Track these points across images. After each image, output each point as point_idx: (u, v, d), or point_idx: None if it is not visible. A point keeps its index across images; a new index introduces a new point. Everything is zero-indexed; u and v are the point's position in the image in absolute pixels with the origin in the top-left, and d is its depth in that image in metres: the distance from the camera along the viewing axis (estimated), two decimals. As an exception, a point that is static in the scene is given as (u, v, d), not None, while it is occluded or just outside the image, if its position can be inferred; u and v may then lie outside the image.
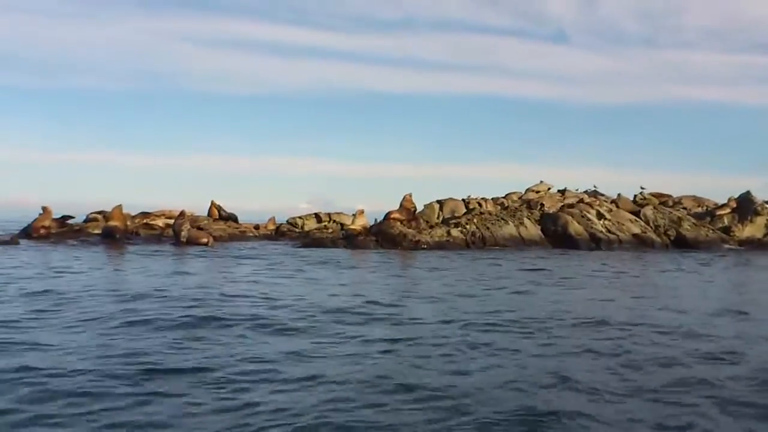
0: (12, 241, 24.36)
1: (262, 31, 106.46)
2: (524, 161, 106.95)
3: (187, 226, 27.12)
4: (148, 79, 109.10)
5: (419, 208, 31.27)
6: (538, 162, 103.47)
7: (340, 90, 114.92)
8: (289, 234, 32.23)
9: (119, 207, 27.36)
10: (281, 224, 33.21)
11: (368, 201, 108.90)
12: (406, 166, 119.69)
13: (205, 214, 32.66)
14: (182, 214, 27.77)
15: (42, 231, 27.70)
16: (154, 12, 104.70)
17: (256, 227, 32.85)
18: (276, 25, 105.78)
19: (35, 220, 28.39)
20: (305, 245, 27.71)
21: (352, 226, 28.66)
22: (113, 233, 26.44)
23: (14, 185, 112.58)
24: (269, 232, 32.62)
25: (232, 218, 32.51)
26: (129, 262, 19.09)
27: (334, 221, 32.93)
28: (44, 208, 28.39)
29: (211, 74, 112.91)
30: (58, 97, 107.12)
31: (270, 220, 33.76)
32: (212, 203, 32.96)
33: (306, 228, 32.49)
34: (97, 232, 29.00)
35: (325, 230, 32.45)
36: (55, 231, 28.58)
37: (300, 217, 33.07)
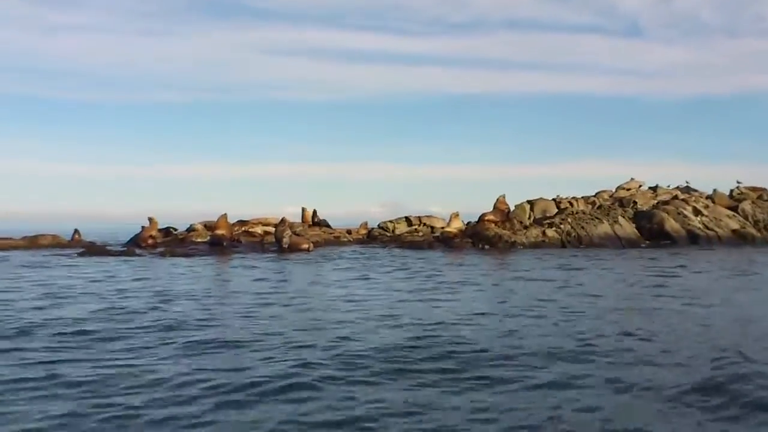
0: (129, 251, 25.44)
1: (336, 38, 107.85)
2: (604, 158, 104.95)
3: (288, 232, 27.79)
4: (227, 90, 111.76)
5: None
6: (620, 159, 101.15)
7: (413, 94, 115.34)
8: (381, 238, 32.63)
9: (224, 216, 28.26)
10: (372, 228, 33.65)
11: (442, 204, 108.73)
12: (479, 168, 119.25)
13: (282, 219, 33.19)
14: (283, 221, 28.48)
15: (150, 241, 28.84)
16: (230, 24, 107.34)
17: (348, 232, 33.38)
18: (348, 31, 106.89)
19: (143, 230, 29.57)
20: (402, 247, 28.05)
21: (448, 229, 28.89)
22: (220, 241, 27.33)
23: (100, 197, 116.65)
24: (361, 237, 33.11)
25: (324, 224, 33.16)
26: (271, 269, 19.59)
27: (425, 224, 33.18)
28: (150, 219, 29.55)
29: (286, 83, 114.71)
30: (145, 111, 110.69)
31: (362, 224, 34.27)
32: (305, 209, 33.67)
33: (397, 231, 32.84)
34: (200, 240, 30.03)
35: (415, 233, 32.73)
36: (160, 241, 29.75)
37: (391, 221, 33.44)
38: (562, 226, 30.03)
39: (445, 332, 8.58)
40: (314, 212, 33.98)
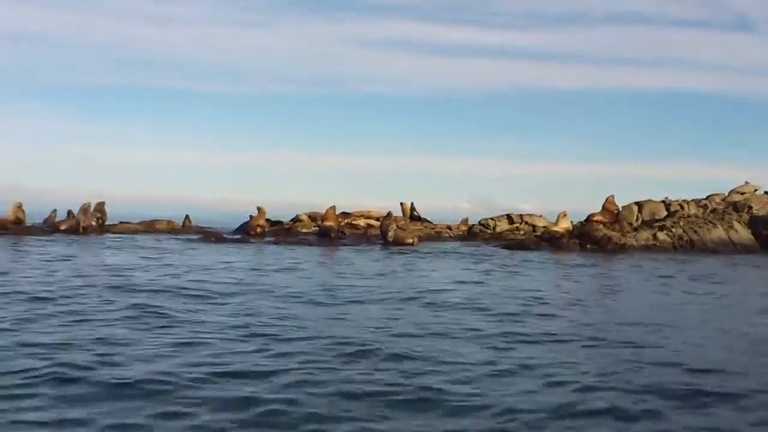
0: (243, 239, 26.31)
1: (429, 31, 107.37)
2: (708, 160, 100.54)
3: (393, 226, 28.05)
4: (322, 82, 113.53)
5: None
6: (726, 161, 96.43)
7: (506, 88, 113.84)
8: (481, 235, 32.49)
9: (333, 208, 28.77)
10: (473, 225, 33.53)
11: (531, 201, 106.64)
12: (571, 165, 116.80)
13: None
14: (389, 215, 28.77)
15: (258, 230, 29.64)
16: (324, 17, 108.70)
17: (449, 227, 33.40)
18: (442, 24, 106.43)
19: (251, 219, 30.44)
20: (507, 247, 27.79)
21: (555, 228, 28.44)
22: (328, 232, 27.86)
23: (195, 185, 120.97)
24: (462, 233, 33.07)
25: (422, 218, 33.30)
26: (397, 261, 20.03)
27: (526, 223, 32.81)
28: (259, 209, 30.35)
29: (378, 76, 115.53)
30: (244, 101, 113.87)
31: (463, 221, 34.22)
32: (403, 204, 33.82)
33: (498, 229, 32.61)
34: (305, 230, 30.71)
35: (517, 231, 32.42)
36: (268, 230, 30.56)
37: (492, 219, 33.22)
38: (673, 229, 29.09)
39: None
40: (412, 206, 34.08)
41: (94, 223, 29.48)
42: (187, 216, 33.68)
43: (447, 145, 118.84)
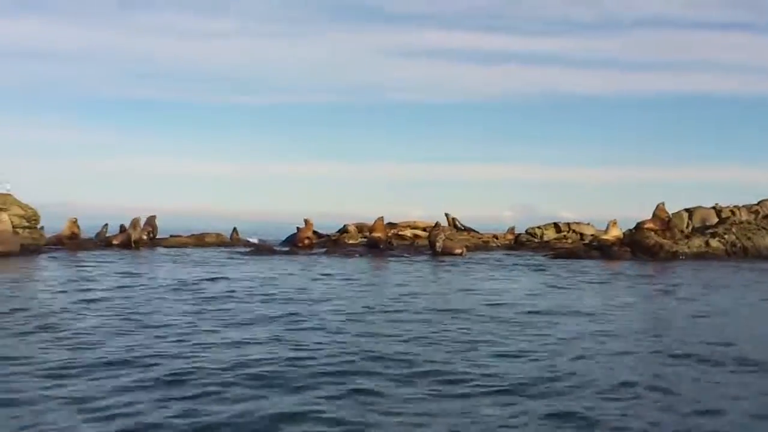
0: (293, 251, 26.55)
1: (458, 38, 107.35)
2: (750, 164, 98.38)
3: (442, 236, 28.05)
4: (350, 92, 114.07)
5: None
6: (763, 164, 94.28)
7: (538, 95, 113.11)
8: (528, 244, 32.32)
9: (381, 219, 28.91)
10: (520, 234, 33.40)
11: (572, 208, 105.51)
12: (610, 170, 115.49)
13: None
14: (437, 225, 28.79)
15: (306, 242, 29.90)
16: (350, 27, 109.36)
17: (495, 237, 33.31)
18: (471, 32, 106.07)
19: (299, 231, 30.71)
20: (558, 256, 27.59)
21: (606, 237, 28.18)
22: (377, 244, 27.98)
23: (227, 197, 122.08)
24: (508, 242, 32.95)
25: (469, 228, 33.25)
26: (460, 273, 20.01)
27: (573, 231, 32.58)
28: (306, 221, 30.63)
29: (407, 84, 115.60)
30: (273, 113, 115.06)
31: (509, 230, 34.15)
32: (448, 215, 33.82)
33: (545, 238, 32.42)
34: (352, 242, 30.86)
35: (564, 240, 32.20)
36: (315, 241, 30.80)
37: (539, 227, 33.08)
38: (726, 236, 28.61)
39: None
40: (455, 219, 34.03)
41: (145, 237, 29.99)
42: (234, 229, 34.13)
43: (486, 153, 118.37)
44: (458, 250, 27.70)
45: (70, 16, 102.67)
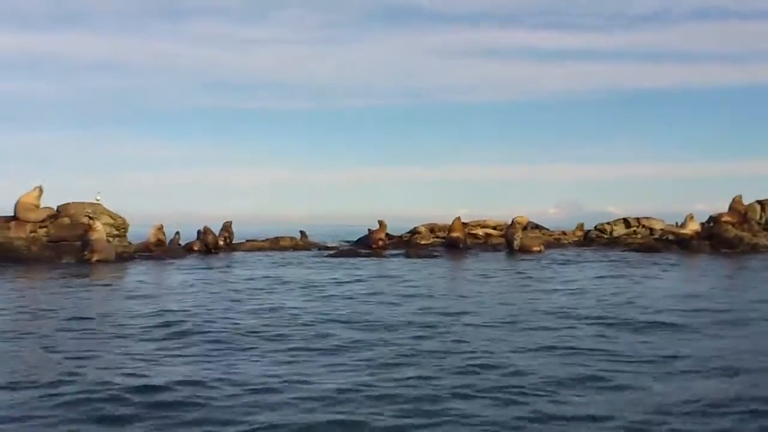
0: (376, 252, 26.90)
1: (511, 36, 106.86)
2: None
3: (519, 234, 28.27)
4: (408, 95, 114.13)
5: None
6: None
7: (594, 91, 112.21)
8: (598, 240, 32.41)
9: (458, 219, 29.19)
10: (589, 230, 33.49)
11: (617, 204, 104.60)
12: (657, 166, 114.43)
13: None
14: (513, 223, 28.98)
15: (380, 243, 30.21)
16: (403, 29, 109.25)
17: (564, 233, 33.42)
18: (526, 30, 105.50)
19: (371, 232, 31.03)
20: (636, 250, 27.67)
21: (684, 231, 28.25)
22: (457, 243, 28.27)
23: (279, 201, 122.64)
24: (578, 238, 33.06)
25: (539, 226, 33.44)
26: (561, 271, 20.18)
27: (643, 226, 32.60)
28: (380, 222, 30.94)
29: (462, 85, 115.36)
30: (332, 118, 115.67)
31: (578, 226, 34.25)
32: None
33: (615, 234, 32.48)
34: (424, 242, 31.12)
35: (634, 235, 32.24)
36: (387, 242, 31.10)
37: (608, 223, 33.15)
38: (804, 227, 28.55)
39: None
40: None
41: (222, 243, 30.47)
42: (302, 232, 34.52)
43: (531, 152, 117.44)
44: (536, 248, 27.88)
45: (128, 31, 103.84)
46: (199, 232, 30.57)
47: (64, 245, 24.11)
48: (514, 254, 27.25)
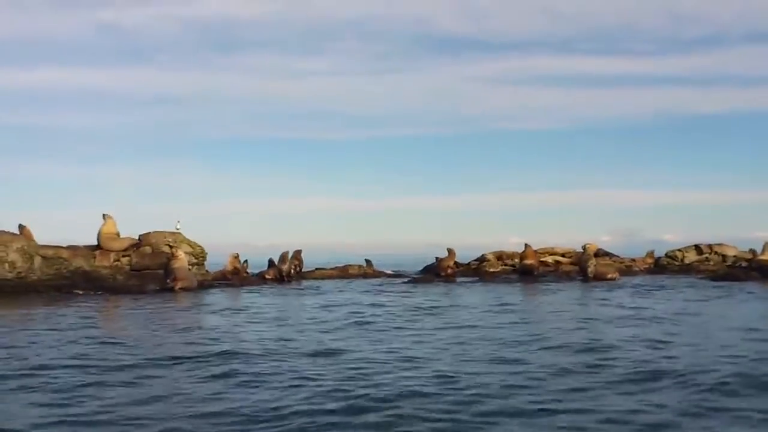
0: (450, 280, 26.93)
1: (560, 63, 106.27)
2: None
3: (593, 261, 28.01)
4: (456, 122, 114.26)
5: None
6: None
7: (645, 117, 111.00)
8: (670, 267, 31.95)
9: (530, 246, 29.08)
10: (660, 257, 33.06)
11: (675, 231, 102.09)
12: (716, 193, 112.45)
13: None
14: (585, 250, 28.75)
15: (449, 271, 30.22)
16: (453, 58, 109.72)
17: (633, 260, 33.03)
18: (577, 56, 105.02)
19: (439, 260, 31.06)
20: (715, 278, 27.15)
21: (763, 257, 27.69)
22: (531, 270, 28.14)
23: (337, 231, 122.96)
24: (648, 266, 32.64)
25: (609, 253, 33.10)
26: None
27: (716, 252, 32.06)
28: (449, 250, 30.96)
29: (516, 113, 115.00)
30: (381, 146, 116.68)
31: (648, 253, 33.83)
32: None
33: (686, 260, 31.99)
34: (492, 270, 31.06)
35: (706, 262, 31.70)
36: (456, 270, 31.09)
37: (679, 250, 32.69)
38: None
39: None
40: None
41: (292, 271, 30.77)
42: (368, 261, 34.70)
43: (579, 178, 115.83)
44: (611, 275, 27.57)
45: (179, 63, 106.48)
46: (270, 260, 30.95)
47: (148, 274, 24.65)
48: (589, 281, 26.96)
